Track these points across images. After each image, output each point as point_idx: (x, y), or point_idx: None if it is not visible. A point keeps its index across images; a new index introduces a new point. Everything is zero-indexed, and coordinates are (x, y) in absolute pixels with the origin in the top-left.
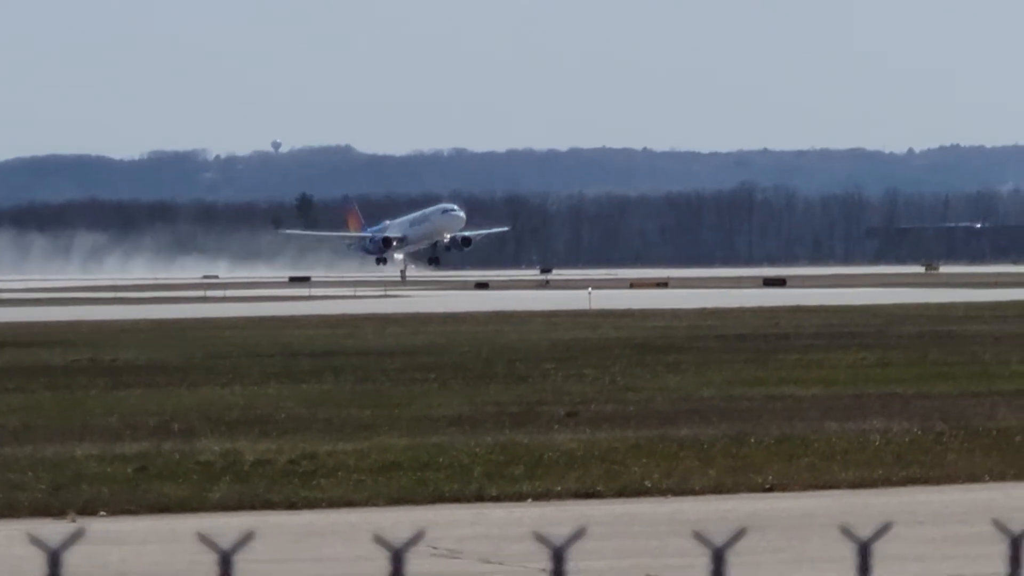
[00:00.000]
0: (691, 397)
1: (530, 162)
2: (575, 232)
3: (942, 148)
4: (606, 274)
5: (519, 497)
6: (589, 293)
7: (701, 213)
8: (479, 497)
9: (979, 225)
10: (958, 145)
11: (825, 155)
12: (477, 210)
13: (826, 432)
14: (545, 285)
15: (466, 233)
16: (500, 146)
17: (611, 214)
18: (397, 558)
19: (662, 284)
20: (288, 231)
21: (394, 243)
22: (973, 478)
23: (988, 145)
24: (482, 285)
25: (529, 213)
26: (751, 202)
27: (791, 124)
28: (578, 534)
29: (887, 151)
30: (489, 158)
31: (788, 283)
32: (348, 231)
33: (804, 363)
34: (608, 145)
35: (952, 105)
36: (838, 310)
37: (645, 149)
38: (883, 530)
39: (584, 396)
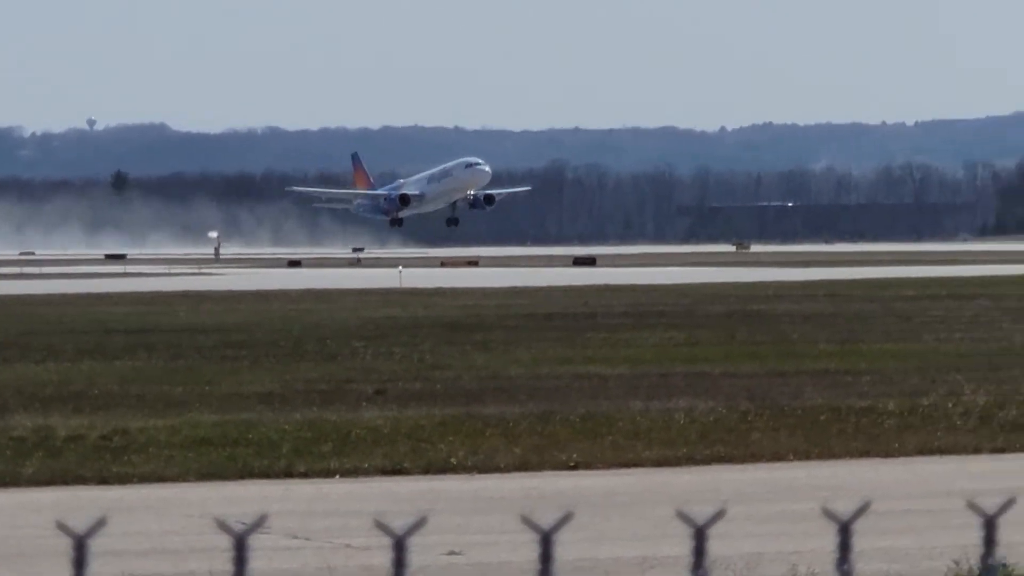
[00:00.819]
0: (498, 375)
1: (343, 140)
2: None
3: (754, 126)
4: (417, 253)
5: (327, 473)
6: (400, 272)
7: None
8: (288, 473)
9: (791, 204)
10: (770, 123)
11: (636, 133)
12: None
13: (631, 411)
14: (357, 263)
15: (490, 191)
16: (313, 124)
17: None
18: (240, 544)
19: (472, 263)
20: (297, 188)
21: (412, 201)
22: (778, 456)
23: (800, 123)
24: (295, 263)
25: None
26: (562, 180)
27: (602, 103)
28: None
29: (698, 129)
30: (302, 136)
31: (598, 262)
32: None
33: (612, 342)
34: (420, 123)
35: (765, 83)
36: (647, 289)
37: (457, 127)
38: (717, 516)
39: (392, 374)
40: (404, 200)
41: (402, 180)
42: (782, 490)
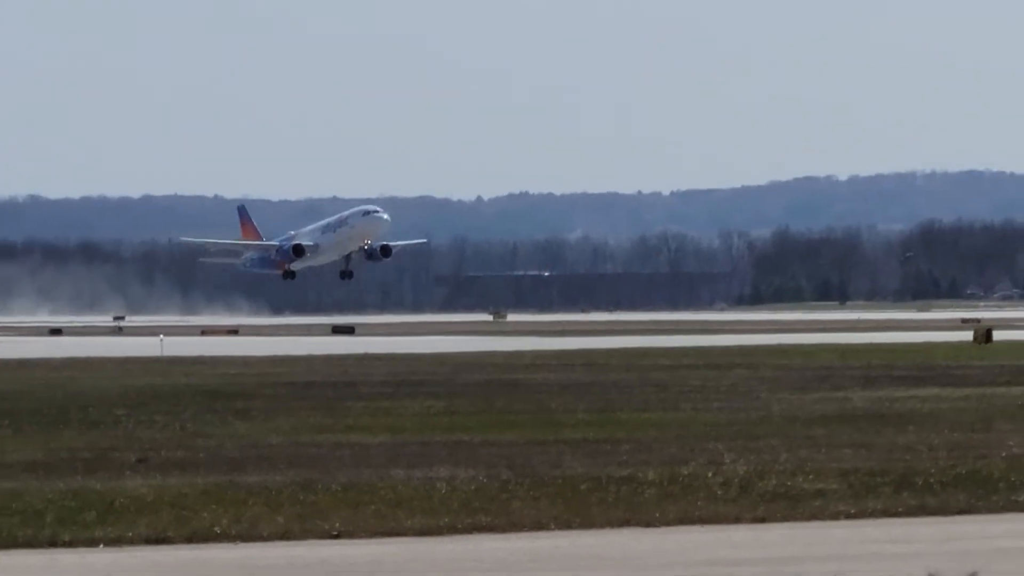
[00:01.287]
0: (260, 444)
1: (104, 209)
2: (148, 278)
3: (510, 196)
4: (178, 321)
5: (91, 543)
6: (161, 340)
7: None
8: (52, 543)
9: (547, 273)
10: (527, 192)
11: (394, 203)
12: (51, 256)
13: (393, 479)
14: (119, 332)
15: (387, 242)
16: (75, 193)
17: (183, 261)
18: None
19: (233, 331)
20: (187, 239)
21: (306, 252)
22: (539, 526)
23: (557, 193)
24: (56, 331)
25: (103, 259)
26: None
27: (360, 171)
28: None
29: (455, 198)
30: (64, 205)
31: (357, 331)
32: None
33: (372, 410)
34: (180, 192)
35: (520, 153)
36: (406, 358)
37: (217, 196)
38: None
39: (155, 442)
40: (297, 251)
41: (293, 232)
42: (544, 559)
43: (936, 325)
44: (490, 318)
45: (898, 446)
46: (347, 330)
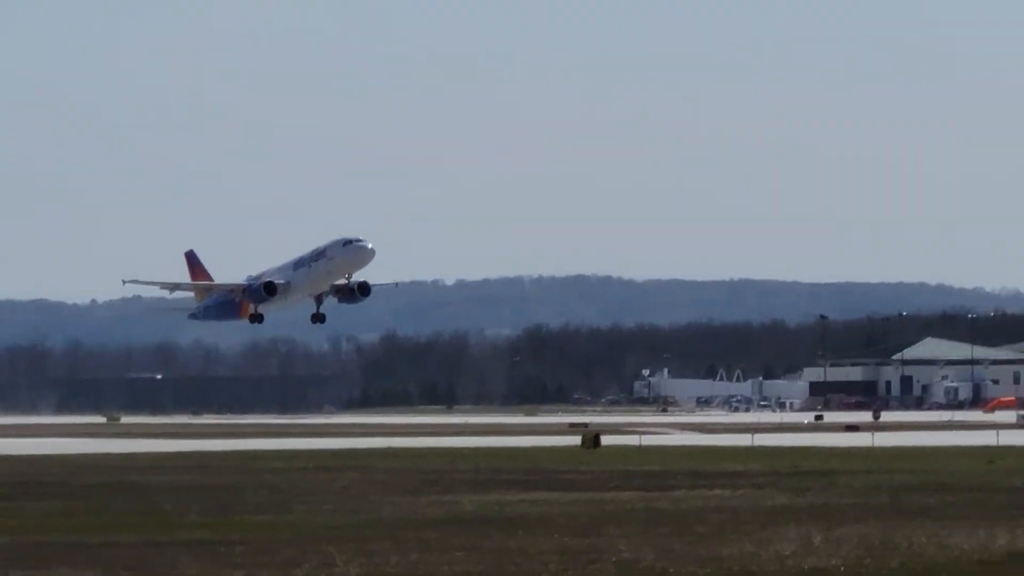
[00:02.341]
0: None
1: None
2: None
3: (124, 299)
4: None
5: None
6: None
7: None
8: None
9: (159, 376)
10: (140, 296)
11: (9, 305)
12: None
13: None
14: None
15: (362, 279)
16: None
17: None
18: None
19: None
20: (135, 279)
21: (278, 291)
22: None
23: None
24: None
25: None
26: None
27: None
28: None
29: (69, 302)
30: None
31: None
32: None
33: None
34: None
35: (130, 254)
36: (21, 460)
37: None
38: None
39: None
40: (269, 289)
41: (253, 274)
42: None
43: (544, 429)
44: (104, 420)
45: (509, 550)
46: None
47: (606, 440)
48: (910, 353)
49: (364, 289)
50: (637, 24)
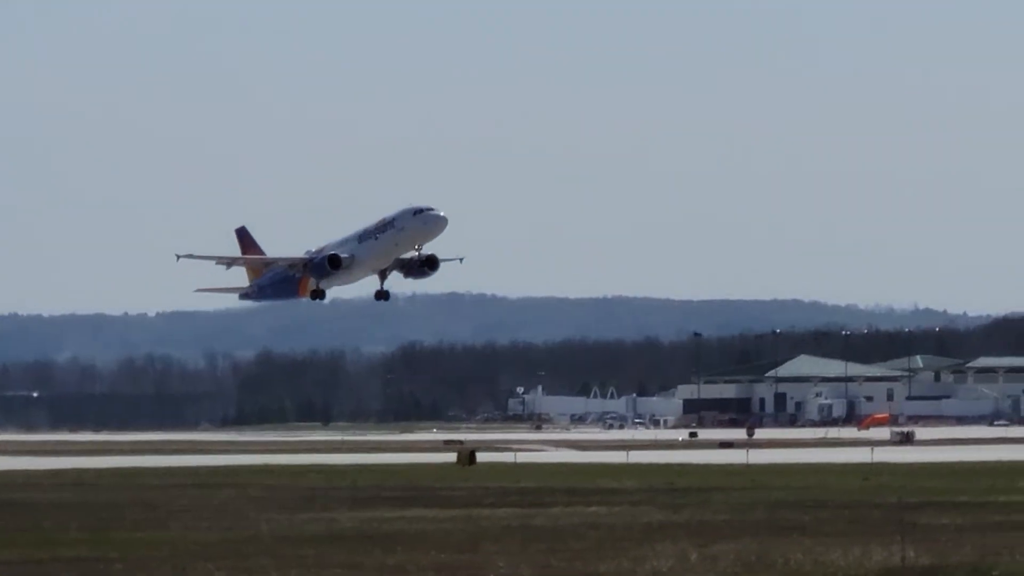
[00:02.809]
0: None
1: None
2: None
3: (0, 317)
4: None
5: None
6: None
7: None
8: None
9: (35, 394)
10: (16, 314)
11: None
12: None
13: None
14: None
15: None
16: None
17: None
18: None
19: None
20: (190, 254)
21: (343, 264)
22: None
23: (45, 314)
24: None
25: None
26: None
27: None
28: None
29: None
30: None
31: None
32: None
33: None
34: None
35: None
36: None
37: None
38: None
39: None
40: (334, 263)
41: (311, 250)
42: None
43: (419, 447)
44: None
45: (387, 566)
46: None
47: (482, 457)
48: (784, 370)
49: (432, 263)
50: (455, 33)
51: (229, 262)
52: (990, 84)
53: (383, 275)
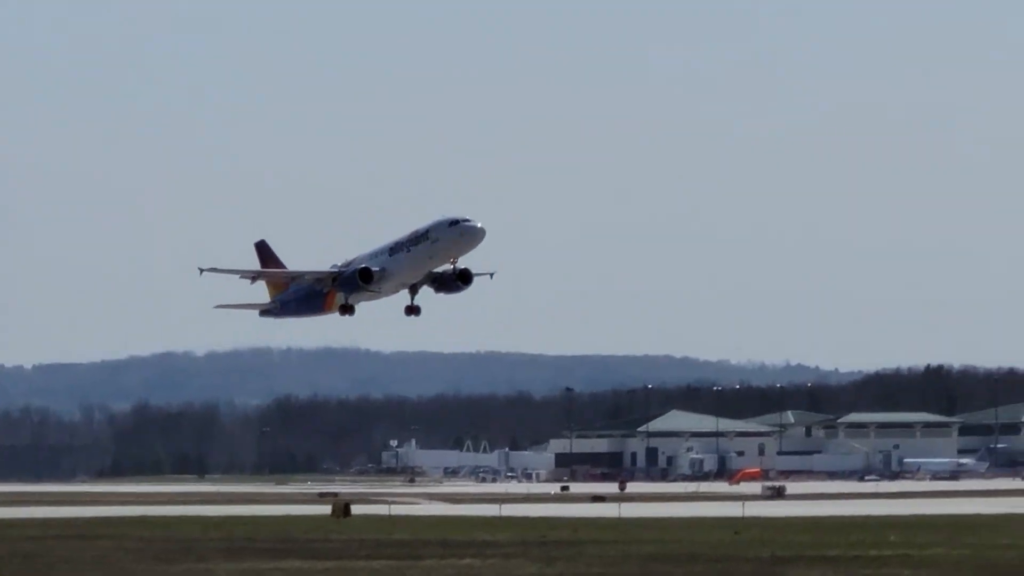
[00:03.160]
0: None
1: None
2: None
3: None
4: None
5: None
6: None
7: None
8: None
9: None
10: None
11: None
12: None
13: None
14: None
15: (464, 266)
16: None
17: None
18: None
19: None
20: (213, 268)
21: (374, 278)
22: None
23: None
24: None
25: None
26: None
27: None
28: None
29: None
30: None
31: None
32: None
33: None
34: None
35: None
36: None
37: None
38: None
39: None
40: (365, 276)
41: (337, 264)
42: None
43: (294, 499)
44: None
45: None
46: None
47: (356, 509)
48: (655, 425)
49: (466, 277)
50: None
51: (254, 276)
52: (846, 152)
53: (414, 289)
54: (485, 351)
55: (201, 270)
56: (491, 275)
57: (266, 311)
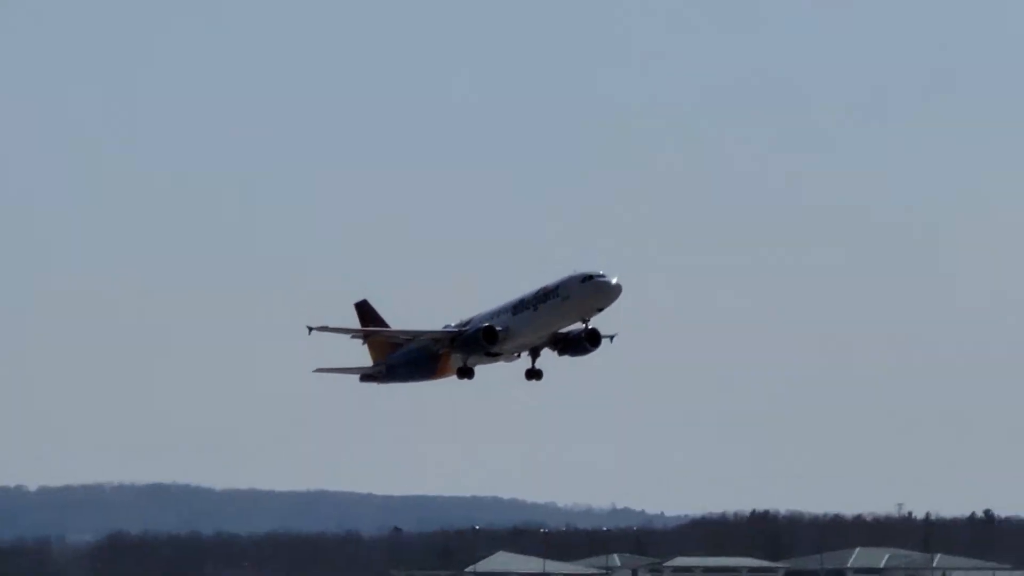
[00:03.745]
0: None
1: None
2: None
3: None
4: None
5: None
6: None
7: None
8: None
9: None
10: None
11: None
12: None
13: None
14: None
15: (592, 326)
16: None
17: None
18: None
19: None
20: (319, 327)
21: (498, 337)
22: None
23: None
24: None
25: None
26: None
27: None
28: None
29: None
30: None
31: None
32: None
33: None
34: None
35: None
36: None
37: None
38: None
39: None
40: (490, 336)
41: (451, 324)
42: None
43: None
44: None
45: None
46: None
47: None
48: (483, 566)
49: (595, 338)
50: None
51: (366, 335)
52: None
53: (535, 352)
54: (315, 489)
55: (310, 329)
56: (611, 338)
57: (368, 376)
